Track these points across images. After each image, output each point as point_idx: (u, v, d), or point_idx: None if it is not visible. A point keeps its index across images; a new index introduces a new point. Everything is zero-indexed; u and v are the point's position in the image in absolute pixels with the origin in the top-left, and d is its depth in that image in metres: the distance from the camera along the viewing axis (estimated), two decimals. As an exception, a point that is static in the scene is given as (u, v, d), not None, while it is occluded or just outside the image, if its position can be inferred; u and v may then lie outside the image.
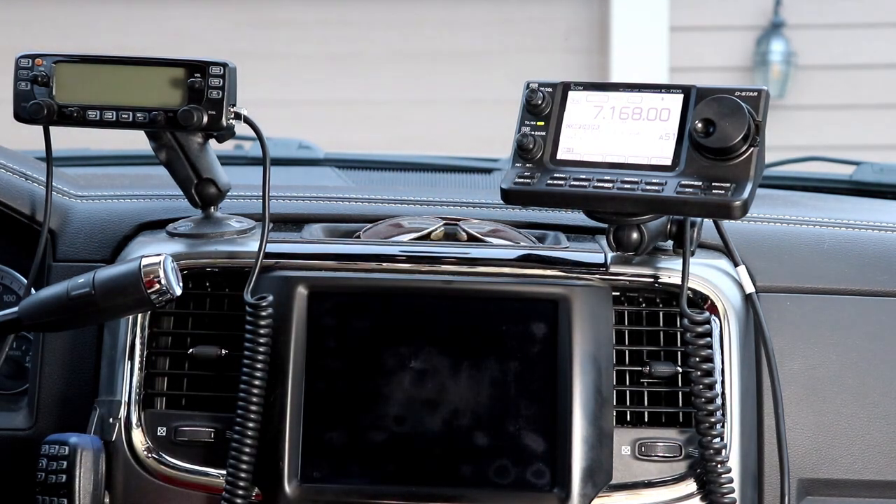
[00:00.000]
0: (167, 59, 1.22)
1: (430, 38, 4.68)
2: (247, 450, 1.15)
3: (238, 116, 1.23)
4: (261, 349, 1.16)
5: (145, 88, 1.22)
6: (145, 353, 1.22)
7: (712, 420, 1.16)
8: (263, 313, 1.17)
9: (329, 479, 1.16)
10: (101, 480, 1.17)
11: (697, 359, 1.17)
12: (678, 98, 1.17)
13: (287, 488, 1.15)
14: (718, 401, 1.17)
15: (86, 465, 1.16)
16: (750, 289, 1.25)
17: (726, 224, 1.27)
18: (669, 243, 1.25)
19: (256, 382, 1.16)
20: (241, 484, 1.15)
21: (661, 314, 1.23)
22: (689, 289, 1.21)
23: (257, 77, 4.19)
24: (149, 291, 1.09)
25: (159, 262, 1.10)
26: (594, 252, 1.26)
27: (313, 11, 4.67)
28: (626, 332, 1.22)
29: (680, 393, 1.20)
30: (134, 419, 1.20)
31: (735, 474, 1.18)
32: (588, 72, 4.59)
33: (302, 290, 1.19)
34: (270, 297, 1.18)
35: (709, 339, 1.18)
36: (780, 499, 1.21)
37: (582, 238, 1.34)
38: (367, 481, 1.16)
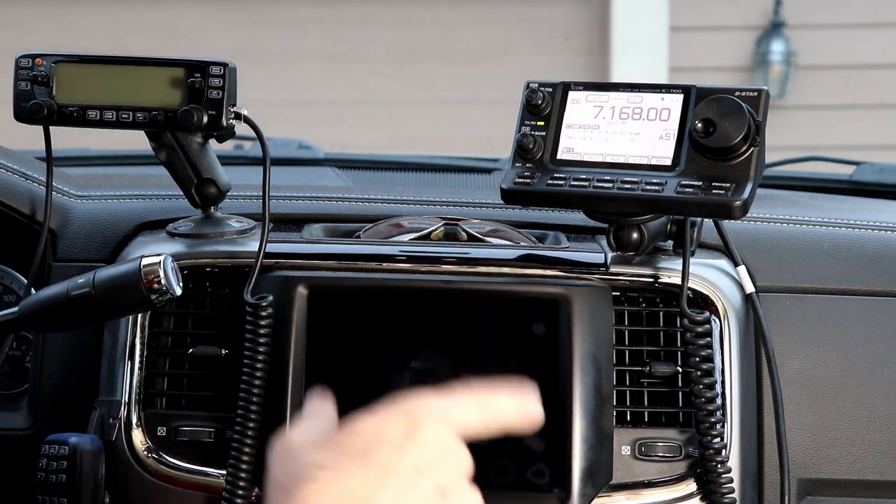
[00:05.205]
0: (167, 59, 1.22)
1: (430, 38, 4.68)
2: (247, 450, 1.15)
3: (238, 116, 1.23)
4: (261, 349, 1.16)
5: (145, 88, 1.22)
6: (145, 353, 1.22)
7: (712, 420, 1.16)
8: (263, 313, 1.17)
9: (329, 479, 1.16)
10: (101, 480, 1.17)
11: (697, 359, 1.17)
12: (678, 98, 1.17)
13: (287, 488, 1.15)
14: (718, 401, 1.17)
15: (86, 465, 1.16)
16: (750, 289, 1.25)
17: (726, 224, 1.27)
18: (669, 243, 1.25)
19: (256, 382, 1.16)
20: (241, 484, 1.15)
21: (661, 314, 1.23)
22: (689, 289, 1.21)
23: (257, 77, 4.20)
24: (149, 291, 1.09)
25: (159, 262, 1.10)
26: (594, 252, 1.26)
27: (313, 11, 4.67)
28: (626, 332, 1.22)
29: (680, 393, 1.20)
30: (134, 419, 1.20)
31: (735, 474, 1.18)
32: (588, 72, 4.59)
33: (302, 290, 1.19)
34: (270, 297, 1.18)
35: (709, 339, 1.18)
36: (780, 499, 1.21)
37: (582, 238, 1.34)
38: (367, 481, 1.16)
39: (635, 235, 1.20)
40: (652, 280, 1.22)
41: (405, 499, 0.69)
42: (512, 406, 0.78)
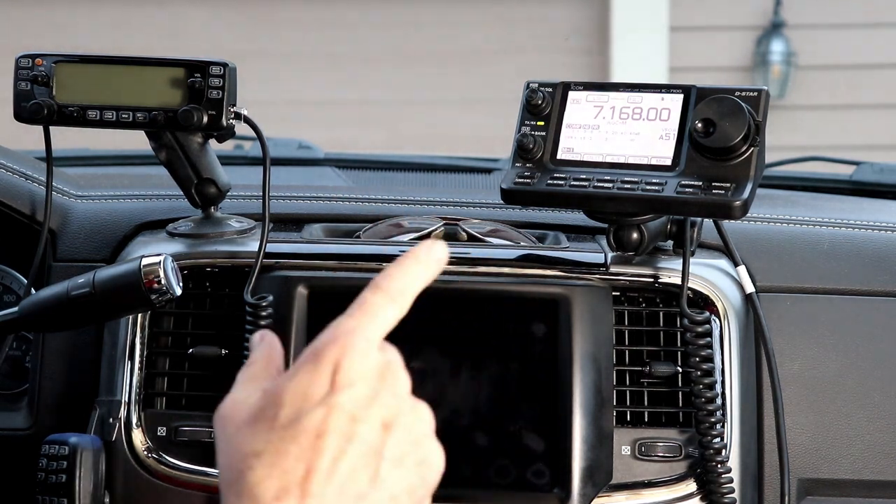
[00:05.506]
0: (167, 59, 1.22)
1: (430, 38, 4.68)
2: (247, 450, 1.15)
3: (238, 116, 1.23)
4: (261, 349, 1.16)
5: (145, 88, 1.22)
6: (145, 353, 1.22)
7: (712, 420, 1.16)
8: (263, 313, 1.17)
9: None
10: (101, 480, 1.17)
11: (697, 359, 1.17)
12: (678, 98, 1.17)
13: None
14: (718, 401, 1.17)
15: (86, 465, 1.16)
16: (750, 289, 1.25)
17: (726, 224, 1.27)
18: (669, 243, 1.25)
19: (256, 382, 1.15)
20: (241, 484, 1.15)
21: (661, 314, 1.23)
22: (689, 289, 1.21)
23: (258, 77, 4.19)
24: (149, 291, 1.09)
25: (159, 262, 1.10)
26: (594, 252, 1.26)
27: (313, 11, 4.67)
28: (626, 332, 1.22)
29: (680, 393, 1.20)
30: (134, 419, 1.20)
31: (735, 474, 1.18)
32: (588, 72, 4.59)
33: (302, 290, 1.19)
34: (270, 297, 1.18)
35: (709, 339, 1.18)
36: (780, 499, 1.21)
37: (582, 238, 1.34)
38: (367, 481, 1.16)
39: (635, 235, 1.20)
40: (652, 280, 1.22)
41: (346, 454, 0.66)
42: (419, 269, 0.76)
